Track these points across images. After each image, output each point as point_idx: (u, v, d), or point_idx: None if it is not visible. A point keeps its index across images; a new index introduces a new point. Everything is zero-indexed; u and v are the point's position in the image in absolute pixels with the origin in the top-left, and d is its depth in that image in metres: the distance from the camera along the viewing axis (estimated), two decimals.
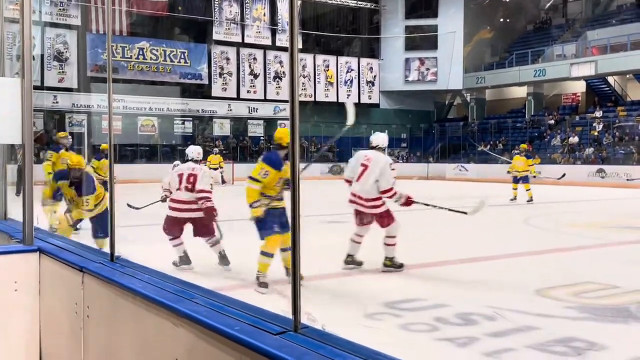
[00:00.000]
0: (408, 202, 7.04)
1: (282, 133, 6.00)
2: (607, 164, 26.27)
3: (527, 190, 15.84)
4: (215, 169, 23.76)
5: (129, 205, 10.95)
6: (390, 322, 4.89)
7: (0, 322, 3.23)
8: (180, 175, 6.90)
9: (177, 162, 6.45)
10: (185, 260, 6.90)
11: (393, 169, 6.99)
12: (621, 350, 4.27)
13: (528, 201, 15.68)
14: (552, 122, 32.32)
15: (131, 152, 28.74)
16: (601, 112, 30.46)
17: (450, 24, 34.78)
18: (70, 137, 10.90)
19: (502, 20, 37.93)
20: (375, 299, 5.54)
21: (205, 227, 6.98)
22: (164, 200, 7.21)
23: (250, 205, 5.84)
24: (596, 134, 29.15)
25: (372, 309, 5.23)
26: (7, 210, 4.57)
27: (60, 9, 27.73)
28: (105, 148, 12.09)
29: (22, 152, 3.69)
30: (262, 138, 33.17)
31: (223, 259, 6.97)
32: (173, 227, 6.89)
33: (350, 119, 7.37)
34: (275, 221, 5.89)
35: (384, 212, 6.97)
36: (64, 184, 7.09)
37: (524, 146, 17.83)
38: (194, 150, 7.40)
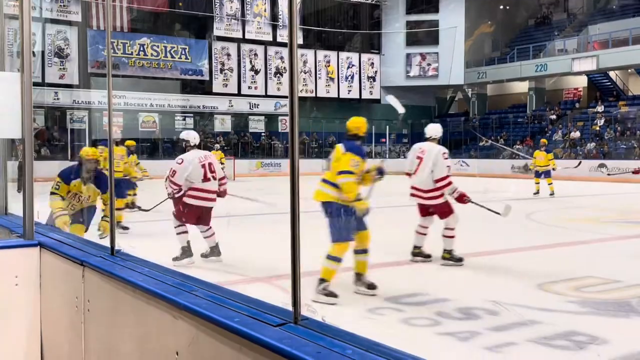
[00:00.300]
0: (462, 197, 7.00)
1: (359, 122, 5.66)
2: (608, 159, 26.23)
3: (550, 184, 16.14)
4: None
5: (139, 209, 11.04)
6: (392, 317, 4.89)
7: (1, 316, 3.23)
8: (204, 166, 6.87)
9: (181, 157, 6.27)
10: (187, 251, 6.86)
11: (446, 158, 6.97)
12: (622, 344, 4.26)
13: (550, 194, 15.98)
14: (554, 117, 32.27)
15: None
16: (603, 106, 30.41)
17: (452, 18, 34.72)
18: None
19: (503, 14, 37.83)
20: (377, 294, 5.53)
21: (210, 215, 7.03)
22: (172, 196, 6.99)
23: (355, 200, 5.38)
24: (598, 128, 29.11)
25: (373, 303, 5.23)
26: (7, 205, 4.57)
27: (60, 6, 27.70)
28: (131, 144, 11.67)
29: (23, 147, 3.69)
30: (263, 134, 33.18)
31: (214, 250, 7.01)
32: (193, 216, 6.88)
33: (400, 109, 7.38)
34: (352, 223, 5.44)
35: (443, 203, 6.97)
36: (77, 183, 6.49)
37: (544, 141, 18.07)
38: (195, 136, 7.28)
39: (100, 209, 6.81)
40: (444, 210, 6.98)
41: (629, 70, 32.26)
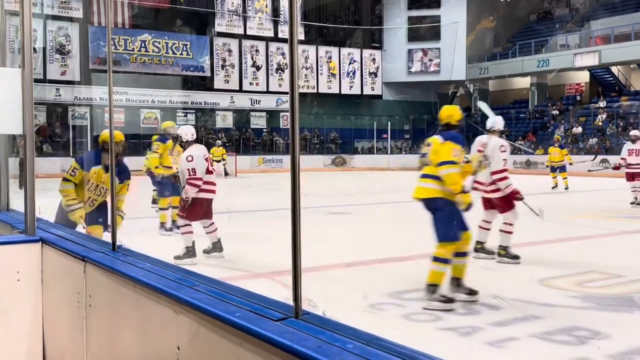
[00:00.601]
0: (514, 194, 6.89)
1: (450, 110, 5.45)
2: (610, 154, 26.19)
3: (564, 179, 16.29)
4: (218, 161, 23.78)
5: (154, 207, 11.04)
6: (394, 312, 4.89)
7: (3, 311, 3.24)
8: (207, 159, 7.04)
9: (189, 154, 6.35)
10: (191, 251, 6.82)
11: (503, 151, 6.83)
12: (625, 339, 4.26)
13: (565, 189, 16.23)
14: (556, 112, 32.22)
15: (134, 144, 28.75)
16: (605, 102, 30.35)
17: (453, 14, 34.65)
18: (177, 125, 9.49)
19: (504, 9, 37.75)
20: (379, 289, 5.53)
21: (212, 208, 7.04)
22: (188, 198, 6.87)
23: (461, 192, 5.03)
24: (600, 124, 29.07)
25: (375, 299, 5.23)
26: (9, 201, 4.57)
27: (62, 2, 27.69)
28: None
29: (24, 143, 3.70)
30: (264, 130, 33.18)
31: (216, 246, 7.03)
32: (199, 210, 6.86)
33: (492, 115, 7.23)
34: (458, 220, 5.12)
35: (505, 197, 6.86)
36: (98, 171, 5.70)
37: (557, 137, 18.23)
38: (187, 132, 7.24)
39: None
40: (505, 205, 6.85)
41: (631, 66, 32.18)
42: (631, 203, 12.68)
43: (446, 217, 5.04)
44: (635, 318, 4.80)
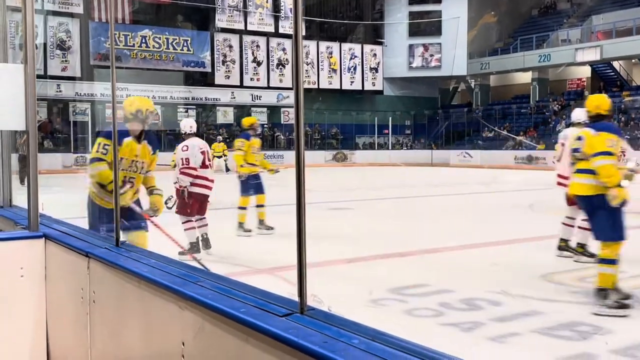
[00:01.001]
0: None
1: (597, 100, 5.20)
2: None
3: None
4: (220, 157, 23.79)
5: (167, 206, 10.98)
6: (396, 308, 4.90)
7: (7, 308, 3.25)
8: (203, 153, 7.01)
9: (184, 143, 6.36)
10: (195, 246, 6.84)
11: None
12: (626, 334, 4.27)
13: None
14: (557, 107, 32.19)
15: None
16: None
17: (454, 9, 34.60)
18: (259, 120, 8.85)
19: (506, 4, 37.68)
20: (381, 285, 5.54)
21: (206, 204, 7.08)
22: (185, 188, 6.91)
23: (617, 186, 4.74)
24: None
25: (377, 294, 5.24)
26: (12, 197, 4.58)
27: None
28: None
29: (24, 140, 3.70)
30: (265, 126, 33.18)
31: (206, 242, 7.04)
32: (195, 205, 6.90)
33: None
34: (622, 217, 4.82)
35: None
36: (130, 143, 4.83)
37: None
38: (186, 124, 7.36)
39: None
40: None
41: (633, 61, 32.14)
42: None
43: (610, 215, 4.78)
44: (636, 313, 4.80)
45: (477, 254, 7.26)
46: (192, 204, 6.86)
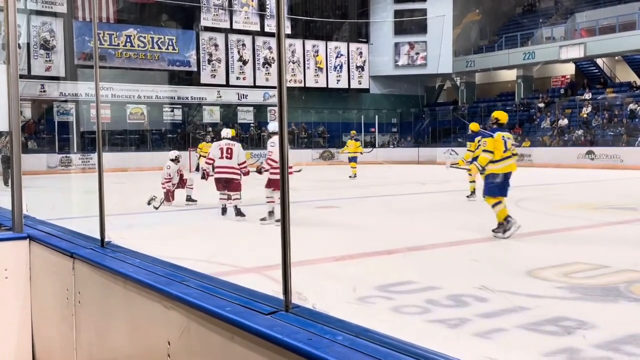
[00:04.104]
0: None
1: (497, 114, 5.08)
2: (596, 146, 26.41)
3: None
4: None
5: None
6: (382, 305, 4.91)
7: None
8: (221, 149, 10.00)
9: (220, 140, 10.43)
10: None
11: None
12: (610, 328, 4.31)
13: None
14: (542, 104, 32.40)
15: (121, 139, 28.60)
16: (590, 94, 30.55)
17: (439, 7, 34.69)
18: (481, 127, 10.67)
19: (490, 2, 37.83)
20: (367, 283, 5.55)
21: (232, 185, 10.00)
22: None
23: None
24: (585, 116, 29.27)
25: (363, 292, 5.25)
26: None
27: None
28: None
29: (7, 141, 3.67)
30: (252, 125, 33.08)
31: (240, 212, 9.82)
32: (220, 185, 10.02)
33: None
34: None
35: None
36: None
37: None
38: (227, 132, 10.57)
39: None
40: None
41: (616, 58, 32.39)
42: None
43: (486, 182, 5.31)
44: (621, 308, 4.85)
45: (463, 250, 7.30)
46: (217, 184, 10.01)
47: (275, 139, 9.07)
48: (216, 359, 1.82)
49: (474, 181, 12.41)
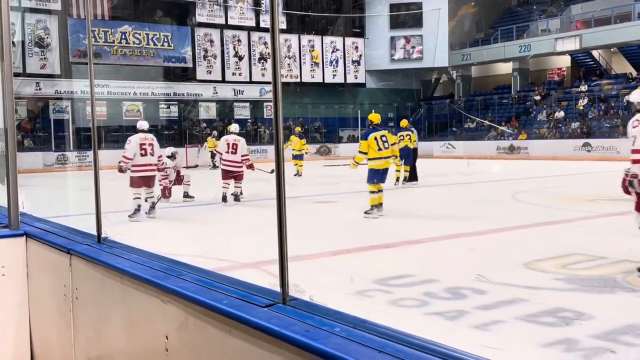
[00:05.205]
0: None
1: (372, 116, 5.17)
2: (592, 138, 26.44)
3: None
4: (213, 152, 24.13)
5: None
6: (381, 298, 4.92)
7: None
8: (228, 144, 11.25)
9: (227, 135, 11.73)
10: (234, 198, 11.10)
11: (635, 127, 5.87)
12: (608, 319, 4.32)
13: None
14: (538, 97, 32.41)
15: (117, 137, 28.53)
16: (586, 86, 30.57)
17: (435, 0, 34.63)
18: None
19: None
20: (365, 276, 5.56)
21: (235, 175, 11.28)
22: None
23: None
24: (581, 108, 29.29)
25: (362, 286, 5.25)
26: None
27: None
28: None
29: (5, 138, 3.66)
30: (248, 120, 33.04)
31: (237, 198, 11.28)
32: (225, 175, 11.25)
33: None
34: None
35: None
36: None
37: None
38: (235, 127, 12.05)
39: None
40: None
41: (612, 49, 32.40)
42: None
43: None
44: (618, 298, 4.87)
45: (461, 243, 7.31)
46: (223, 174, 11.29)
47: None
48: (214, 352, 1.82)
49: (399, 170, 14.38)
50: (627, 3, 29.52)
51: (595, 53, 32.30)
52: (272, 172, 10.50)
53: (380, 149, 9.37)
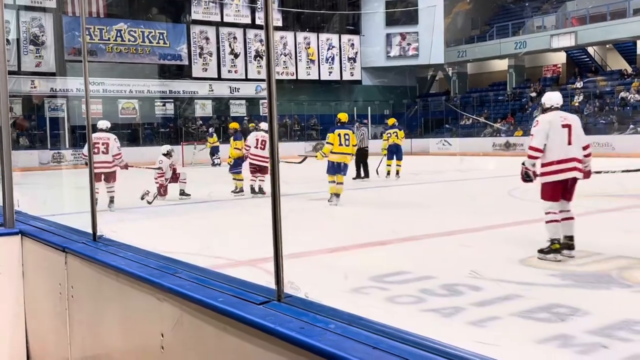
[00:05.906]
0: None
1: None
2: (588, 134, 26.45)
3: None
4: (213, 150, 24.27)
5: (257, 191, 12.02)
6: (377, 295, 4.93)
7: None
8: (257, 140, 11.87)
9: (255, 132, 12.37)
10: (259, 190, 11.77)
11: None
12: (603, 315, 4.34)
13: None
14: (534, 94, 32.45)
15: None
16: (582, 82, 30.62)
17: None
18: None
19: None
20: (361, 274, 5.57)
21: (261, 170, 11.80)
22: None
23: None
24: (577, 104, 29.33)
25: (358, 283, 5.26)
26: None
27: None
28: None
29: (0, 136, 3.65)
30: (245, 118, 33.01)
31: (261, 190, 11.78)
32: (256, 170, 11.92)
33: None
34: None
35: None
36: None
37: None
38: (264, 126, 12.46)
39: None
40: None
41: (607, 46, 32.45)
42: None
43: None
44: (613, 294, 4.89)
45: (456, 240, 7.32)
46: (250, 167, 11.99)
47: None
48: (209, 350, 1.82)
49: (389, 165, 15.69)
50: (622, 0, 29.57)
51: (590, 49, 32.34)
52: (301, 162, 10.93)
53: (341, 144, 10.34)
